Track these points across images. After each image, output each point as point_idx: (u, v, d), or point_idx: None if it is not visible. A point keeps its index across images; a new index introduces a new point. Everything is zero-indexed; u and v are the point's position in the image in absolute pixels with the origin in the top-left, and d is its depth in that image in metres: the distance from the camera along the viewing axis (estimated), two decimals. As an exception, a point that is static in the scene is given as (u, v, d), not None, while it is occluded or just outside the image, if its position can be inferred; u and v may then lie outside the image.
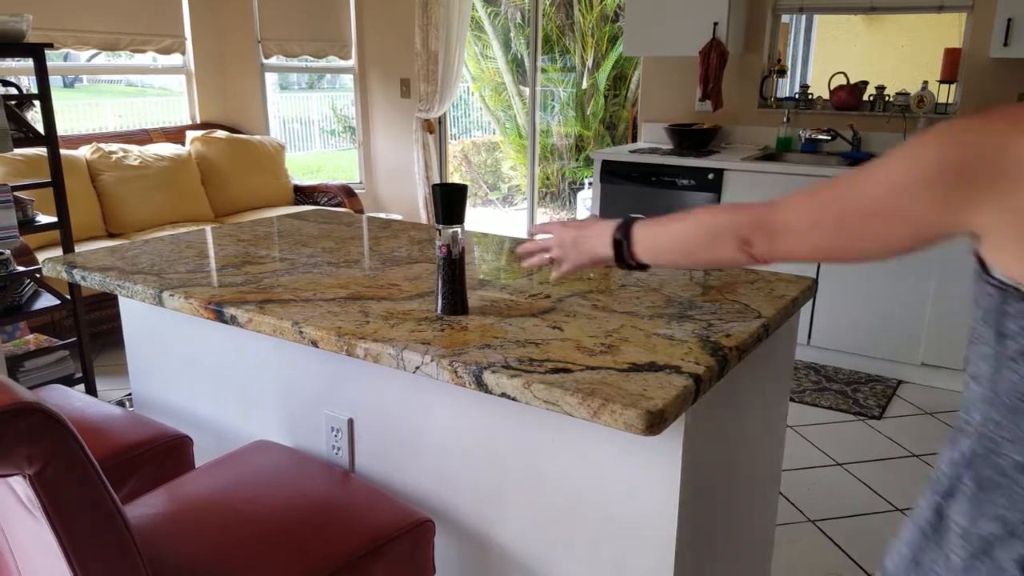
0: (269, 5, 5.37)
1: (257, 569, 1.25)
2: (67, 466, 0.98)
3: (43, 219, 3.05)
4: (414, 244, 2.08)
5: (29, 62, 2.96)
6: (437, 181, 5.70)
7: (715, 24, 4.02)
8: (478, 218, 8.65)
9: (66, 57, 5.28)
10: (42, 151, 3.67)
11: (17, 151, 3.56)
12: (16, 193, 2.90)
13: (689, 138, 4.32)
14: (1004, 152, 0.71)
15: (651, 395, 1.12)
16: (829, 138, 4.14)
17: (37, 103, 2.99)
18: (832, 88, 4.20)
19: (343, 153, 9.64)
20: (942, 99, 3.94)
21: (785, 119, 4.25)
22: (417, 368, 1.29)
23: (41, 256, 3.56)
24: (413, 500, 1.60)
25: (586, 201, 8.12)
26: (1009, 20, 3.43)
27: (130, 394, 2.20)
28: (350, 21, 5.60)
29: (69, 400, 1.85)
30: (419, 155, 5.58)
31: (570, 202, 8.85)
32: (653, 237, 1.13)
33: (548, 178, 8.87)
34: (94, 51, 4.72)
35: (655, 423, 1.08)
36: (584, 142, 8.68)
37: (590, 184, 6.78)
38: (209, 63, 5.27)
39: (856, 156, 4.02)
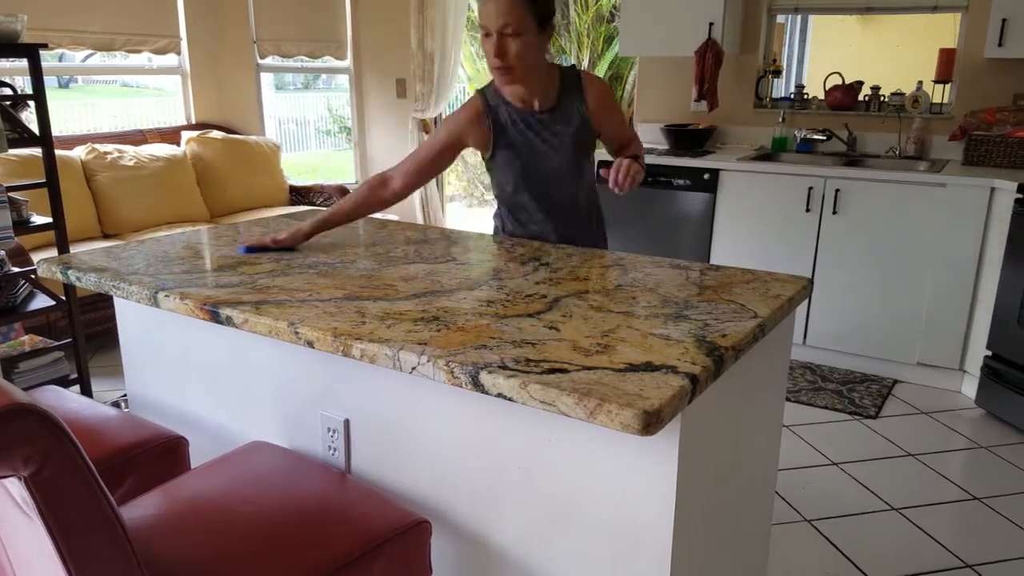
0: (265, 5, 5.36)
1: (253, 570, 1.25)
2: (62, 468, 0.98)
3: (38, 220, 3.04)
4: (410, 244, 2.08)
5: (24, 62, 2.95)
6: (433, 182, 5.70)
7: (711, 24, 4.03)
8: (474, 219, 8.65)
9: (61, 57, 5.27)
10: (37, 152, 3.67)
11: (12, 152, 3.55)
12: (11, 194, 2.90)
13: (685, 138, 4.32)
14: None
15: (647, 395, 1.12)
16: (824, 138, 4.15)
17: (32, 103, 2.98)
18: (827, 88, 4.21)
19: (339, 153, 9.64)
20: (937, 99, 3.96)
21: (781, 119, 4.26)
22: (413, 369, 1.29)
23: (36, 257, 3.55)
24: (409, 501, 1.60)
25: (582, 201, 8.11)
26: (1004, 20, 3.44)
27: (125, 395, 2.20)
28: (346, 21, 5.60)
29: (64, 401, 1.84)
30: (415, 155, 5.57)
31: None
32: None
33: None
34: (89, 51, 4.71)
35: (651, 423, 1.08)
36: (580, 142, 8.67)
37: (586, 184, 6.75)
38: (204, 63, 5.26)
39: (851, 156, 4.03)
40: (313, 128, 9.95)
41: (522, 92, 2.07)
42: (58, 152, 3.80)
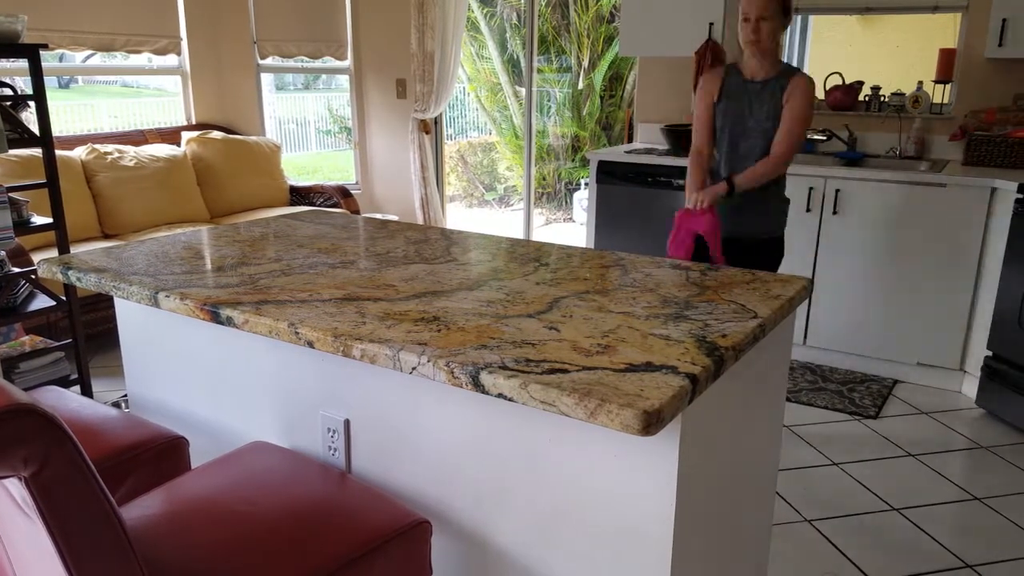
0: (265, 6, 5.36)
1: (254, 570, 1.25)
2: (63, 468, 0.98)
3: (38, 220, 3.04)
4: (410, 244, 2.08)
5: (24, 63, 2.95)
6: (433, 182, 5.70)
7: (711, 25, 4.03)
8: (474, 219, 8.66)
9: (61, 58, 5.27)
10: (37, 152, 3.67)
11: (12, 152, 3.56)
12: (11, 194, 2.90)
13: (685, 139, 4.31)
14: None
15: (648, 395, 1.12)
16: (825, 138, 4.15)
17: (32, 104, 2.98)
18: (827, 88, 4.20)
19: (339, 154, 9.63)
20: (937, 99, 3.95)
21: (781, 119, 4.25)
22: (414, 369, 1.29)
23: (37, 257, 3.55)
24: (410, 501, 1.60)
25: (582, 201, 8.13)
26: (1004, 20, 3.44)
27: (126, 395, 2.20)
28: (346, 22, 5.60)
29: (64, 401, 1.84)
30: (415, 156, 5.58)
31: (566, 202, 8.85)
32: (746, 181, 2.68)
33: (544, 179, 8.87)
34: (89, 52, 4.71)
35: (652, 423, 1.08)
36: (580, 143, 8.69)
37: (586, 184, 6.79)
38: (205, 64, 5.26)
39: (852, 156, 4.03)
40: (313, 128, 9.95)
41: (753, 66, 2.78)
42: (58, 152, 3.81)
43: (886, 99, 4.06)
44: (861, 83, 4.14)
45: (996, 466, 2.93)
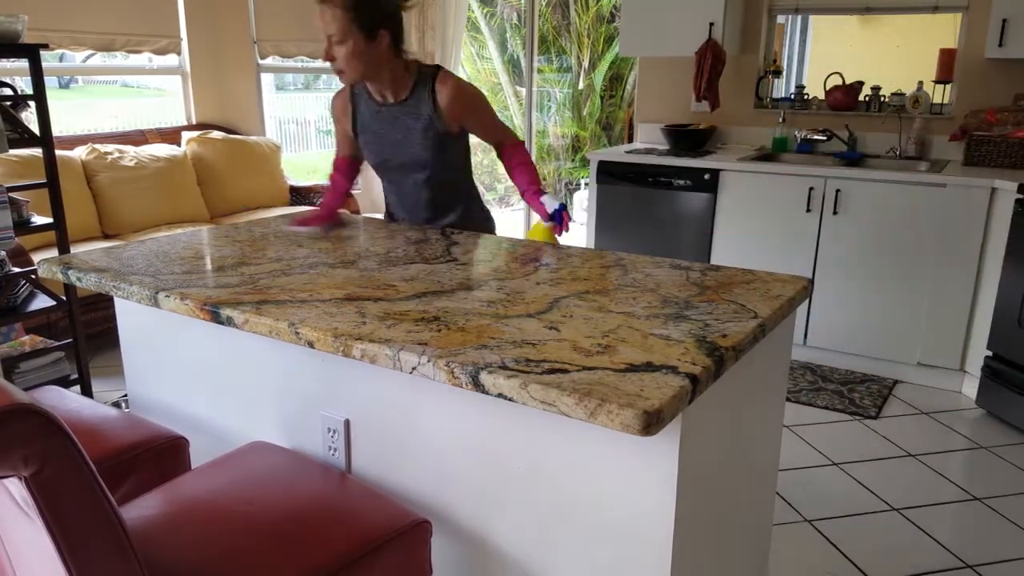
0: (265, 6, 5.36)
1: (254, 570, 1.25)
2: (63, 468, 0.98)
3: (39, 220, 3.04)
4: (410, 244, 2.08)
5: (24, 63, 2.95)
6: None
7: (711, 25, 4.03)
8: (474, 219, 8.64)
9: (61, 58, 5.27)
10: (37, 152, 3.67)
11: (12, 152, 3.55)
12: (11, 194, 2.90)
13: (685, 139, 4.32)
14: None
15: (648, 395, 1.12)
16: (825, 138, 4.15)
17: (32, 104, 2.98)
18: (827, 88, 4.21)
19: (339, 154, 9.61)
20: (937, 99, 3.95)
21: (781, 119, 4.26)
22: (414, 369, 1.29)
23: (37, 257, 3.55)
24: (410, 501, 1.60)
25: (583, 202, 8.13)
26: (1004, 20, 3.44)
27: (126, 395, 2.20)
28: (346, 22, 5.59)
29: (65, 401, 1.84)
30: (415, 156, 5.57)
31: (567, 203, 8.85)
32: None
33: (545, 179, 8.87)
34: (90, 52, 4.71)
35: (652, 423, 1.08)
36: (580, 143, 8.68)
37: (586, 185, 6.79)
38: (205, 64, 5.26)
39: (851, 156, 4.03)
40: (313, 128, 9.94)
41: (374, 86, 2.23)
42: (59, 152, 3.80)
43: (886, 99, 4.06)
44: (861, 83, 4.14)
45: (996, 466, 2.93)
